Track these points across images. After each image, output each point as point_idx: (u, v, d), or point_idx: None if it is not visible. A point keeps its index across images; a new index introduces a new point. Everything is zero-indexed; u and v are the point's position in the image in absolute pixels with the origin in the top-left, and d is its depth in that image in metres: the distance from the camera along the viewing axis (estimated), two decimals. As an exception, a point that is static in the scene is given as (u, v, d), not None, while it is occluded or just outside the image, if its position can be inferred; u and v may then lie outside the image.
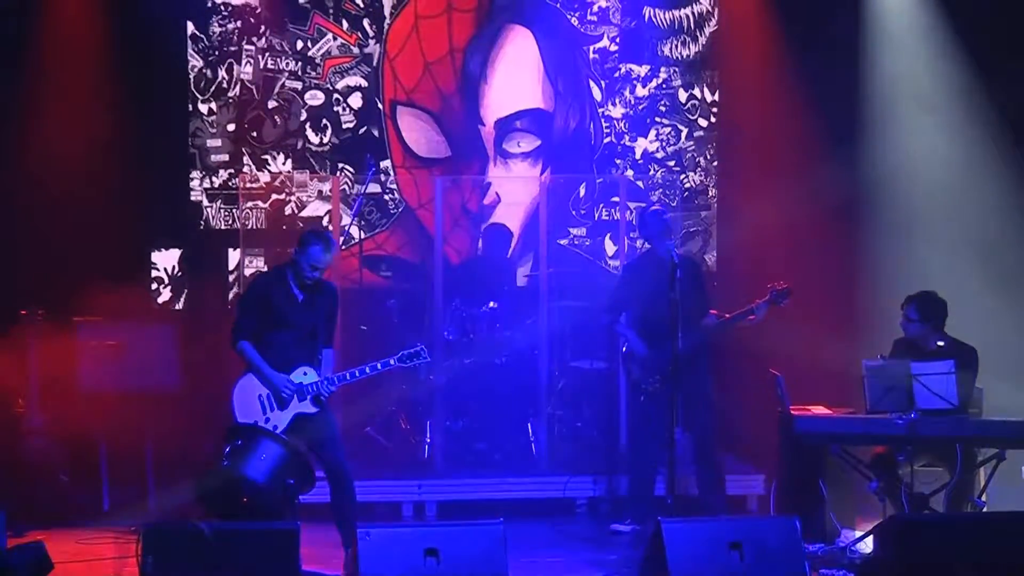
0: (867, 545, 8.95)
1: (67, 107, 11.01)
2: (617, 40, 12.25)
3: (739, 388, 10.31)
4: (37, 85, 10.97)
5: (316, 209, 11.92)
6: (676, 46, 12.27)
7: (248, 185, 11.80)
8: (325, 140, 11.98)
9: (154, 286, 11.72)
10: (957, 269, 10.73)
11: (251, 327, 8.47)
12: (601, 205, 12.26)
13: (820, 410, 9.46)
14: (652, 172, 12.25)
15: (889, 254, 11.26)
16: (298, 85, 11.94)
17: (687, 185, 12.29)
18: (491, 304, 10.97)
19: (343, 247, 10.94)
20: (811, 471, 9.30)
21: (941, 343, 9.26)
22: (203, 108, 11.84)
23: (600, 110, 12.26)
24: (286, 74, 11.92)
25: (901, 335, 9.52)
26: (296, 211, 11.93)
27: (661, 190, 12.20)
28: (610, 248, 12.16)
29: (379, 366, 8.62)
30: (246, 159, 11.89)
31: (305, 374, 8.42)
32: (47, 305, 10.18)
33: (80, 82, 11.11)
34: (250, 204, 11.81)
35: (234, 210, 11.83)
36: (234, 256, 11.77)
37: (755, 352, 10.39)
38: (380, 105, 12.04)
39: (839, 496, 9.42)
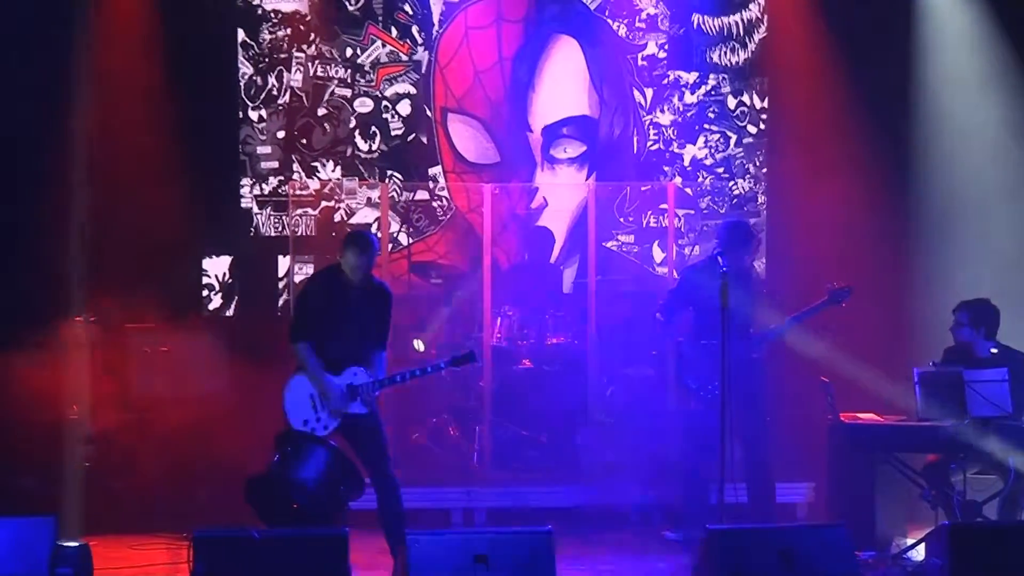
0: (919, 553, 8.91)
1: (119, 114, 11.07)
2: (666, 47, 12.24)
3: (788, 395, 10.26)
4: (89, 92, 11.04)
5: (365, 216, 11.96)
6: (725, 53, 12.25)
7: (298, 192, 11.86)
8: (374, 147, 12.03)
9: (205, 293, 11.79)
10: (1010, 277, 10.65)
11: (308, 327, 8.51)
12: (648, 212, 12.25)
13: (870, 417, 9.42)
14: (701, 179, 12.23)
15: (941, 261, 11.19)
16: (347, 92, 11.99)
17: (736, 192, 12.25)
18: (545, 316, 10.98)
19: (392, 251, 10.97)
20: (861, 479, 9.25)
21: (994, 350, 9.20)
22: (253, 115, 11.91)
23: (647, 117, 12.26)
24: (335, 81, 11.98)
25: (951, 343, 9.46)
26: (345, 218, 11.98)
27: (710, 197, 12.18)
28: (658, 255, 12.14)
29: (429, 369, 8.64)
30: (296, 166, 11.95)
31: (355, 375, 8.44)
32: (100, 312, 10.26)
33: (132, 89, 11.18)
34: (300, 211, 11.87)
35: (284, 217, 11.89)
36: (284, 263, 11.83)
37: (804, 359, 10.35)
38: (429, 112, 12.08)
39: (890, 504, 9.37)
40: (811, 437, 9.94)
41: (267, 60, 11.89)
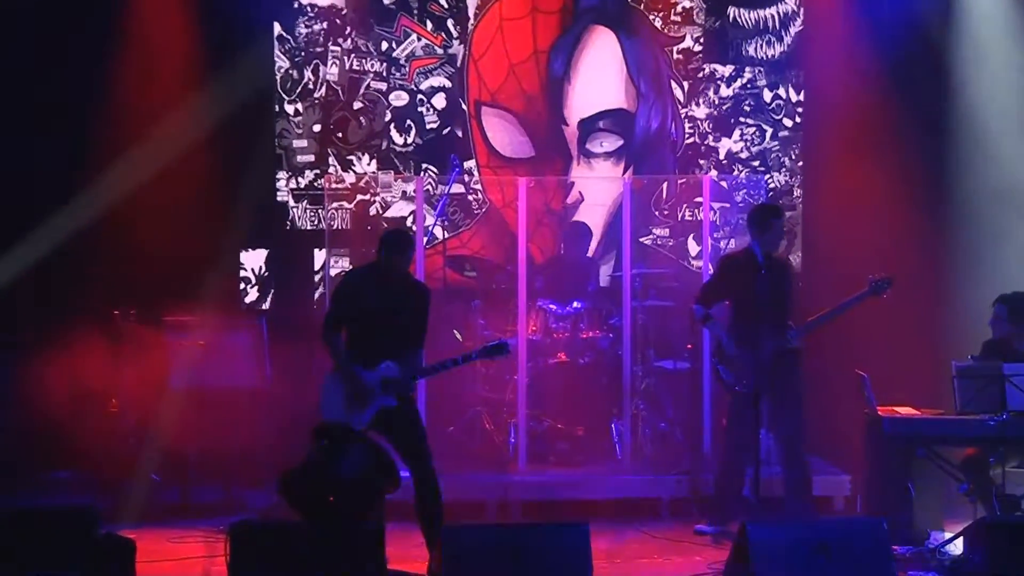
0: (957, 547, 8.87)
1: (155, 108, 11.13)
2: (701, 40, 12.21)
3: (825, 389, 10.24)
4: (125, 85, 11.10)
5: (400, 209, 11.98)
6: (761, 46, 12.21)
7: (333, 186, 11.88)
8: (409, 140, 12.04)
9: (241, 286, 11.83)
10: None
11: (339, 321, 8.55)
12: (684, 205, 12.22)
13: (907, 411, 9.38)
14: (736, 172, 12.20)
15: (980, 255, 11.14)
16: (383, 86, 12.01)
17: (772, 185, 12.22)
18: (575, 304, 10.99)
19: (427, 246, 10.99)
20: (899, 472, 9.22)
21: (1032, 344, 9.17)
22: (289, 109, 11.94)
23: (683, 110, 12.23)
24: (371, 75, 12.00)
25: (990, 336, 9.42)
26: (380, 211, 12.00)
27: (745, 190, 12.15)
28: (693, 248, 12.11)
29: (460, 359, 8.64)
30: (331, 160, 11.97)
31: (388, 368, 8.44)
32: (138, 305, 10.32)
33: (168, 83, 11.24)
34: (335, 204, 11.89)
35: (320, 210, 11.92)
36: (319, 256, 11.86)
37: (841, 352, 10.33)
38: (464, 106, 12.08)
39: (927, 498, 9.34)
40: (848, 430, 9.91)
41: (303, 54, 11.92)
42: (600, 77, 12.19)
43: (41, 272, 10.79)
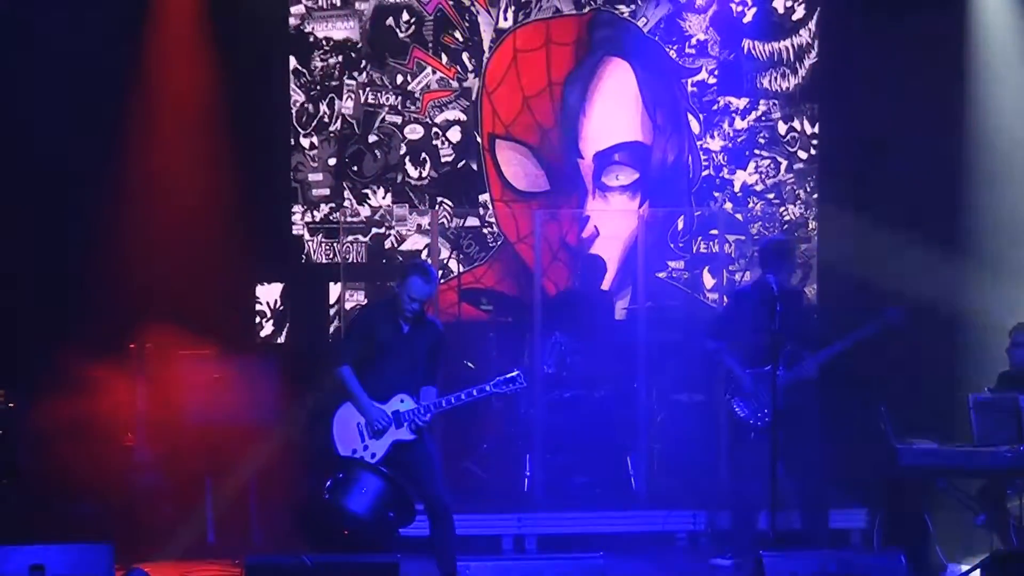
0: (974, 580, 8.82)
1: (172, 142, 11.17)
2: (716, 73, 12.22)
3: (842, 421, 10.20)
4: (143, 118, 11.14)
5: (415, 243, 11.99)
6: (775, 78, 12.22)
7: (348, 219, 11.91)
8: (424, 174, 12.06)
9: (257, 320, 11.84)
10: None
11: (352, 354, 8.54)
12: (699, 238, 12.22)
13: (926, 443, 9.34)
14: (751, 205, 12.19)
15: (996, 287, 11.11)
16: (398, 119, 12.04)
17: (787, 218, 12.21)
18: (595, 343, 10.97)
19: (442, 280, 10.99)
20: (916, 504, 9.18)
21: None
22: (305, 142, 11.97)
23: (698, 143, 12.24)
24: (386, 108, 12.03)
25: (1006, 366, 9.40)
26: (396, 245, 12.01)
27: (760, 223, 12.14)
28: (708, 281, 12.10)
29: (475, 392, 8.59)
30: (347, 193, 12.00)
31: (402, 401, 8.43)
32: (154, 338, 10.33)
33: (184, 116, 11.27)
34: (351, 238, 11.92)
35: (335, 244, 11.94)
36: (335, 290, 11.87)
37: (858, 384, 10.29)
38: (478, 139, 12.10)
39: (945, 530, 9.30)
40: (866, 462, 9.87)
41: (318, 87, 11.96)
42: (615, 109, 12.19)
43: (58, 305, 10.80)
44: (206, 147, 11.19)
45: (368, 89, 12.01)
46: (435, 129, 12.06)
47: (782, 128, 12.25)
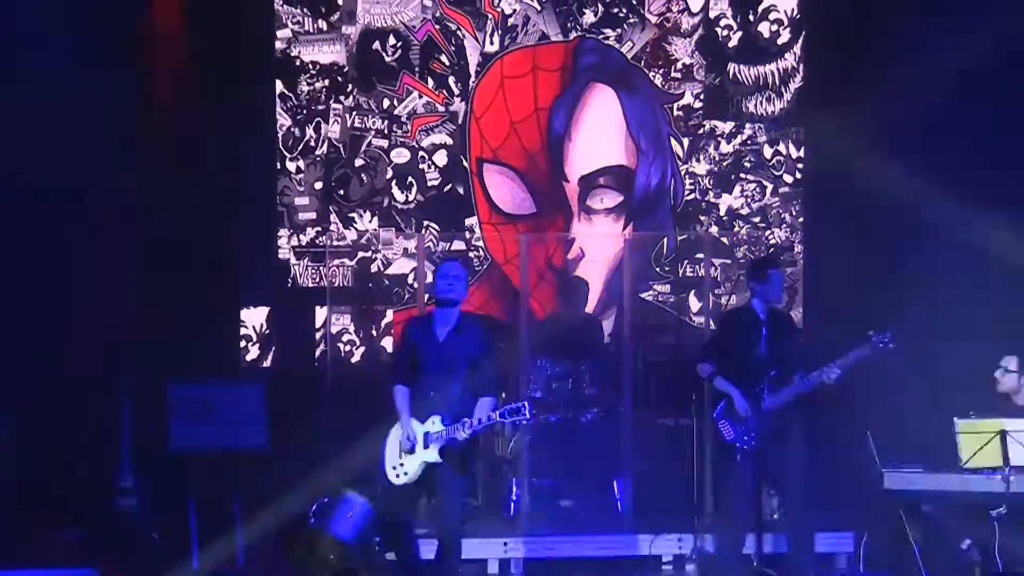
0: (959, 605, 8.83)
1: (158, 166, 11.14)
2: (701, 97, 12.26)
3: (828, 445, 10.20)
4: (128, 141, 11.11)
5: (402, 267, 12.00)
6: (761, 102, 12.26)
7: (335, 243, 11.91)
8: (411, 198, 12.07)
9: (242, 344, 11.82)
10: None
11: (404, 371, 8.48)
12: (685, 261, 12.24)
13: (911, 467, 9.35)
14: (737, 228, 12.22)
15: (985, 311, 11.10)
16: (384, 143, 12.05)
17: (772, 241, 12.24)
18: (582, 366, 10.97)
19: (427, 303, 10.97)
20: (902, 529, 9.18)
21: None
22: (291, 166, 11.98)
23: (683, 167, 12.27)
24: (372, 132, 12.04)
25: (994, 391, 9.42)
26: (382, 268, 12.02)
27: (746, 246, 12.17)
28: (694, 304, 12.12)
29: (485, 420, 8.48)
30: (333, 217, 12.00)
31: (433, 423, 8.34)
32: (138, 363, 10.31)
33: (170, 140, 11.26)
34: (337, 262, 11.92)
35: (321, 268, 11.93)
36: (321, 314, 11.86)
37: (844, 408, 10.29)
38: (465, 163, 12.12)
39: (931, 554, 9.29)
40: (852, 487, 9.88)
41: (305, 111, 11.97)
42: (600, 134, 12.26)
43: (43, 333, 10.77)
44: (193, 171, 11.18)
45: (354, 113, 12.02)
46: (421, 153, 12.08)
47: (767, 152, 12.29)
